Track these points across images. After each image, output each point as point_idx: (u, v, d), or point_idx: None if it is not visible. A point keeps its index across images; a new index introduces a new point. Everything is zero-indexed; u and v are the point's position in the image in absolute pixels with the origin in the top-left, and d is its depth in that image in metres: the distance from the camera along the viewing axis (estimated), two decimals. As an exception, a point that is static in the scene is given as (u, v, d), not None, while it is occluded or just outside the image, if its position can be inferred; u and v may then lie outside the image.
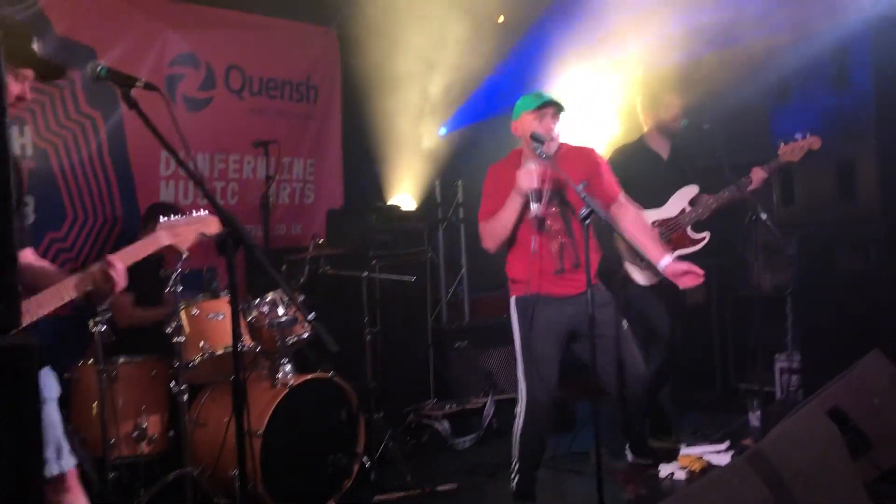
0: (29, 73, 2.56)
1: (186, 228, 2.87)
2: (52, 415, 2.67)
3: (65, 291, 2.64)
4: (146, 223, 4.81)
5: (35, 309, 2.59)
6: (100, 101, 4.93)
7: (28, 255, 2.78)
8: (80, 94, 4.86)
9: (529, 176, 3.69)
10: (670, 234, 4.68)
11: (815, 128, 4.56)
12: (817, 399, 3.43)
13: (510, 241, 3.92)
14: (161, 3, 5.33)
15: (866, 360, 3.63)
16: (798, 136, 4.54)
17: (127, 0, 5.12)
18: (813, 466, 3.00)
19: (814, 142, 4.53)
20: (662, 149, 4.85)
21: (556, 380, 3.88)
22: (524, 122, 3.86)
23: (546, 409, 3.89)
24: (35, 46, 2.56)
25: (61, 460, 2.65)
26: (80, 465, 2.76)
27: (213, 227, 2.94)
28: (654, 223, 4.69)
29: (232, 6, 5.73)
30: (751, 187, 4.59)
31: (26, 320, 2.56)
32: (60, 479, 2.66)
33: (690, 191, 4.73)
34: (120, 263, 2.70)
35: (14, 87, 2.53)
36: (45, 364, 2.66)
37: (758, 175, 4.59)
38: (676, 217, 4.70)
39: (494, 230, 3.86)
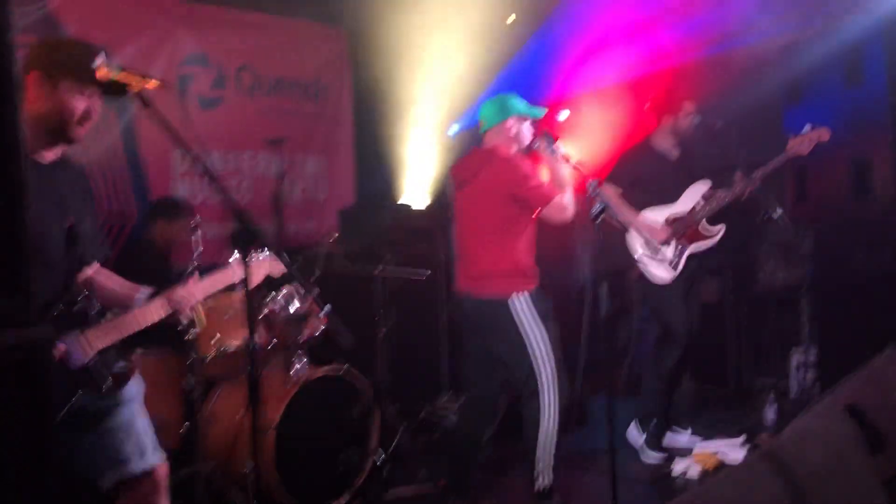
0: (94, 90, 2.56)
1: (256, 267, 2.94)
2: (131, 413, 2.70)
3: (148, 315, 2.73)
4: (153, 218, 4.82)
5: (120, 329, 2.66)
6: (113, 99, 4.93)
7: (93, 269, 2.84)
8: (94, 93, 4.88)
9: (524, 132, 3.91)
10: (685, 229, 4.66)
11: (828, 124, 4.52)
12: (833, 395, 3.39)
13: (518, 231, 3.87)
14: (172, 4, 5.35)
15: (884, 356, 3.59)
16: (806, 128, 4.47)
17: (138, 1, 5.14)
18: (829, 463, 2.97)
19: (822, 133, 4.44)
20: (671, 150, 4.83)
21: None
22: (521, 122, 3.97)
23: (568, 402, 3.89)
24: (98, 63, 2.56)
25: (145, 459, 2.69)
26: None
27: (278, 269, 3.06)
28: (667, 219, 4.68)
29: (242, 6, 5.74)
30: (750, 189, 4.55)
31: (104, 343, 2.61)
32: (147, 477, 2.69)
33: (703, 186, 4.72)
34: (192, 294, 2.80)
35: (80, 104, 2.54)
36: None
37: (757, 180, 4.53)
38: (690, 212, 4.68)
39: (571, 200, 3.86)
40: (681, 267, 4.62)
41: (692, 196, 4.70)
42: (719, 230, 4.67)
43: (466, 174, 4.02)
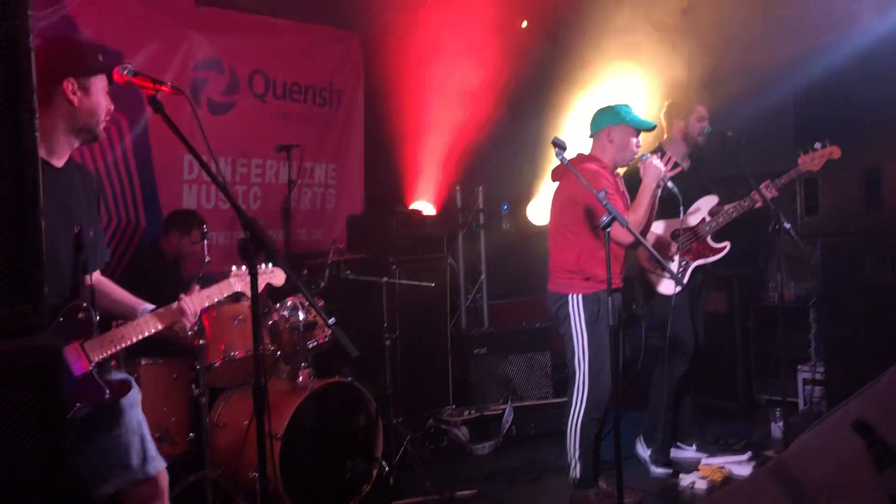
0: (105, 84, 2.63)
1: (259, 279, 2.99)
2: (132, 420, 2.71)
3: (145, 327, 2.77)
4: (167, 229, 4.84)
5: (117, 341, 2.68)
6: (125, 104, 4.97)
7: (96, 276, 2.85)
8: (106, 98, 4.90)
9: (657, 166, 3.98)
10: (690, 243, 4.65)
11: (840, 136, 4.50)
12: (841, 410, 3.36)
13: (580, 235, 4.07)
14: (186, 8, 5.36)
15: (892, 371, 3.57)
16: (818, 144, 4.46)
17: (153, 4, 5.16)
18: (837, 479, 2.95)
19: (834, 151, 4.42)
20: (683, 157, 4.82)
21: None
22: (623, 132, 4.13)
23: (607, 397, 4.04)
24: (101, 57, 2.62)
25: (146, 465, 2.69)
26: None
27: (279, 279, 3.12)
28: (673, 233, 4.67)
29: (256, 10, 5.76)
30: (759, 204, 4.54)
31: (102, 355, 2.64)
32: (148, 483, 2.70)
33: (710, 201, 4.71)
34: (192, 304, 2.84)
35: (109, 102, 2.63)
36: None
37: (767, 192, 4.51)
38: (696, 227, 4.67)
39: (639, 224, 3.99)
40: (685, 281, 4.61)
41: (700, 210, 4.69)
42: (724, 247, 4.65)
43: (558, 175, 4.30)
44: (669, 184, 4.00)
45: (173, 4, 5.30)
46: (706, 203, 4.70)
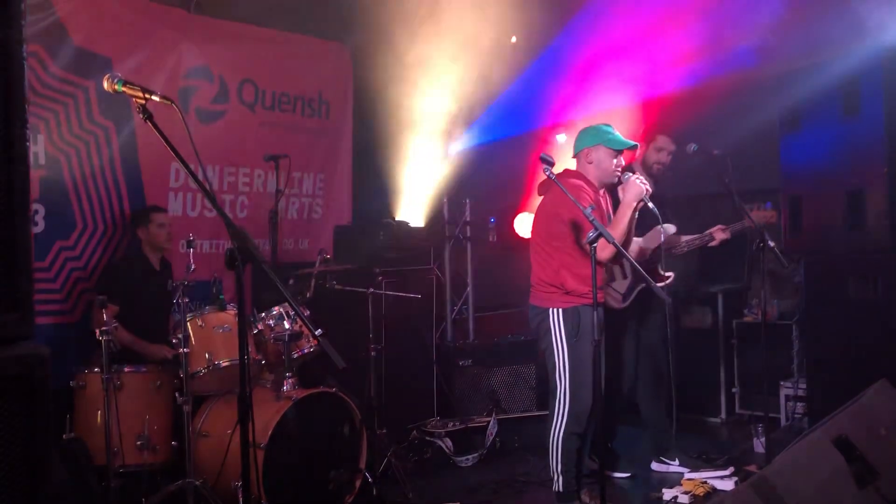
0: None
1: None
2: None
3: None
4: (134, 231, 4.80)
5: None
6: (113, 111, 4.96)
7: None
8: (94, 104, 4.89)
9: (639, 186, 3.99)
10: (644, 267, 4.67)
11: (824, 155, 4.56)
12: (823, 427, 3.41)
13: (562, 250, 4.10)
14: (178, 16, 5.36)
15: (873, 389, 3.61)
16: (768, 205, 4.84)
17: (144, 12, 5.15)
18: (818, 495, 2.99)
19: (773, 215, 4.79)
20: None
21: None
22: (601, 153, 4.15)
23: (588, 412, 4.06)
24: None
25: None
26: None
27: None
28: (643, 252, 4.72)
29: (247, 20, 5.77)
30: (713, 243, 4.78)
31: None
32: None
33: (667, 229, 4.71)
34: None
35: None
36: None
37: (718, 235, 4.77)
38: (652, 252, 4.71)
39: (618, 241, 3.95)
40: (629, 301, 4.68)
41: (654, 238, 4.70)
42: (669, 277, 4.63)
43: (542, 190, 4.33)
44: (650, 203, 3.99)
45: (165, 12, 5.30)
46: (665, 230, 4.72)
